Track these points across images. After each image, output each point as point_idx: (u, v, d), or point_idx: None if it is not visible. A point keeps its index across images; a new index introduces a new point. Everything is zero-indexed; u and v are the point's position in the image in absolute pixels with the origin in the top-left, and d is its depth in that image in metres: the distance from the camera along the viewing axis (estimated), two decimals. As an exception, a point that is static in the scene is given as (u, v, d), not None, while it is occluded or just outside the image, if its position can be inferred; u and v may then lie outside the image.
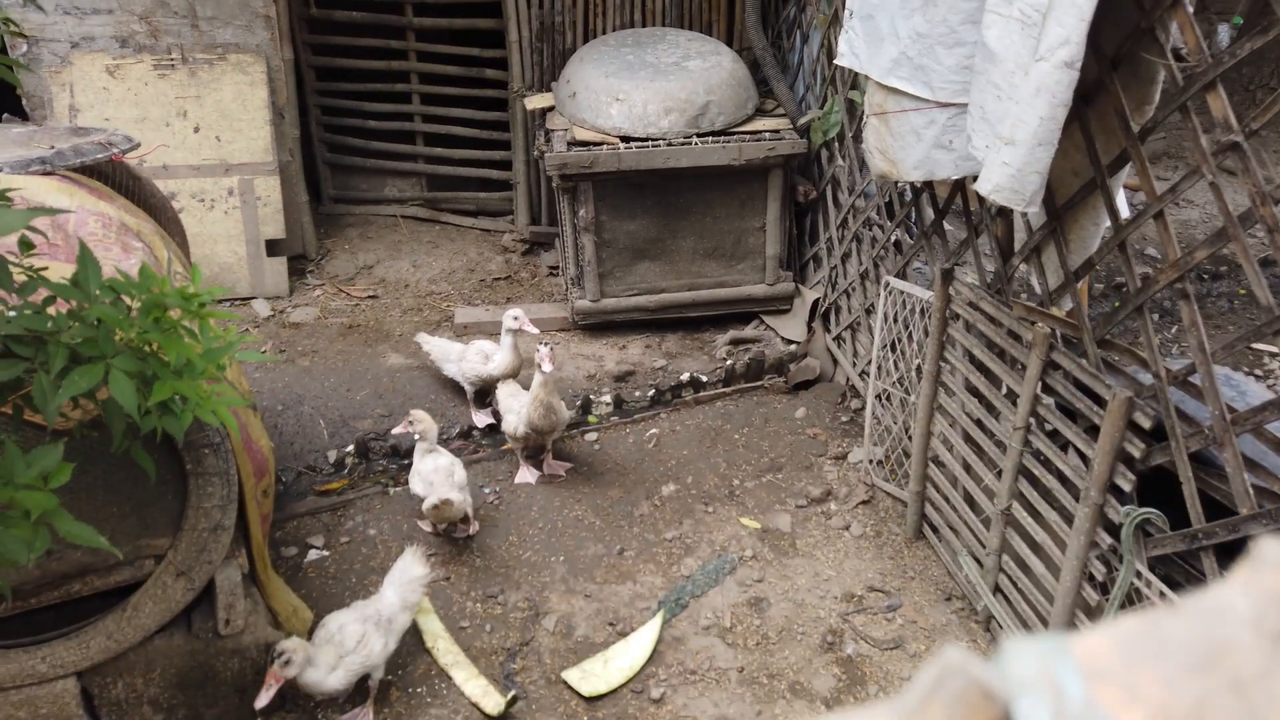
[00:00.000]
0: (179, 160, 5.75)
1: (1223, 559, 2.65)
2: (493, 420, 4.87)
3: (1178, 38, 2.67)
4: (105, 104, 5.64)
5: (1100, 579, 2.99)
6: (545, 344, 4.13)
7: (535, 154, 5.95)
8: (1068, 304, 3.21)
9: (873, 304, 4.82)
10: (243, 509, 3.04)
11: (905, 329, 4.21)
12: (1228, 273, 6.08)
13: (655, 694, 3.33)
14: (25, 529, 1.45)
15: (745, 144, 5.27)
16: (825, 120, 5.14)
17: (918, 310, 4.10)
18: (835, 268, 5.31)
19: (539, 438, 4.27)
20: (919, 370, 4.05)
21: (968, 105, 3.12)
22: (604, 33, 6.20)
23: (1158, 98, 2.91)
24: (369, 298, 6.04)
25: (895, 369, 4.35)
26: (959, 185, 3.82)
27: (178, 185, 5.76)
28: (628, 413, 5.07)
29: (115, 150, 3.61)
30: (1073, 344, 3.25)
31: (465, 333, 5.61)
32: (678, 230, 5.49)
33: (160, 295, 1.84)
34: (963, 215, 3.89)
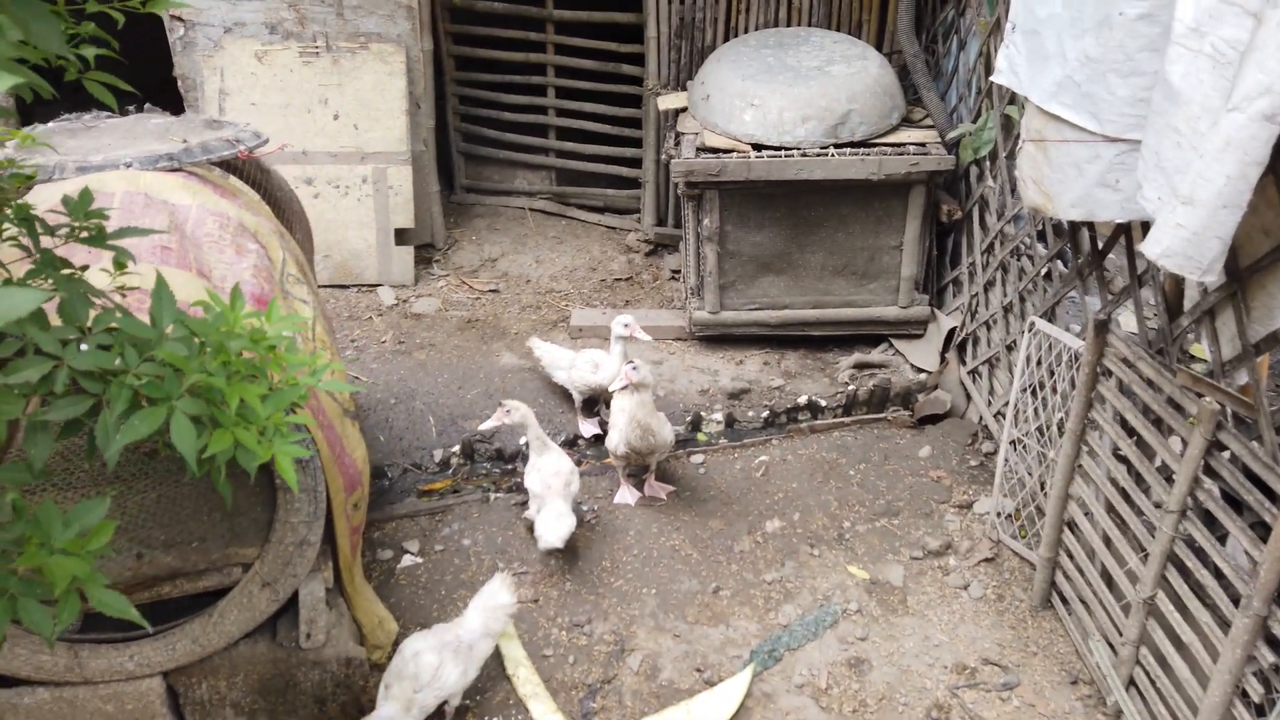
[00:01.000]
0: (318, 147, 5.86)
1: None
2: (599, 431, 4.75)
3: None
4: (252, 89, 5.79)
5: (1257, 700, 2.60)
6: (631, 363, 3.96)
7: (664, 157, 5.76)
8: (1243, 378, 2.80)
9: (1015, 340, 4.43)
10: (331, 523, 3.01)
11: (1050, 375, 3.82)
12: None
13: (738, 754, 3.14)
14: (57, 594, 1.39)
15: (886, 157, 4.93)
16: (977, 136, 4.74)
17: (1065, 358, 3.71)
18: (976, 295, 4.92)
19: (639, 458, 4.11)
20: (1061, 424, 3.68)
21: (1140, 143, 2.74)
22: (745, 31, 5.94)
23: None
24: (490, 291, 6.02)
25: (1035, 416, 3.96)
26: (1124, 225, 3.41)
27: (315, 171, 5.87)
28: (739, 434, 4.85)
29: (242, 148, 3.63)
30: (1246, 425, 2.83)
31: (580, 335, 5.51)
32: (806, 245, 5.21)
33: (228, 334, 1.75)
34: (1125, 257, 3.48)
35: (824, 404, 5.03)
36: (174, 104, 5.71)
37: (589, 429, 4.78)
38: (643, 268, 6.33)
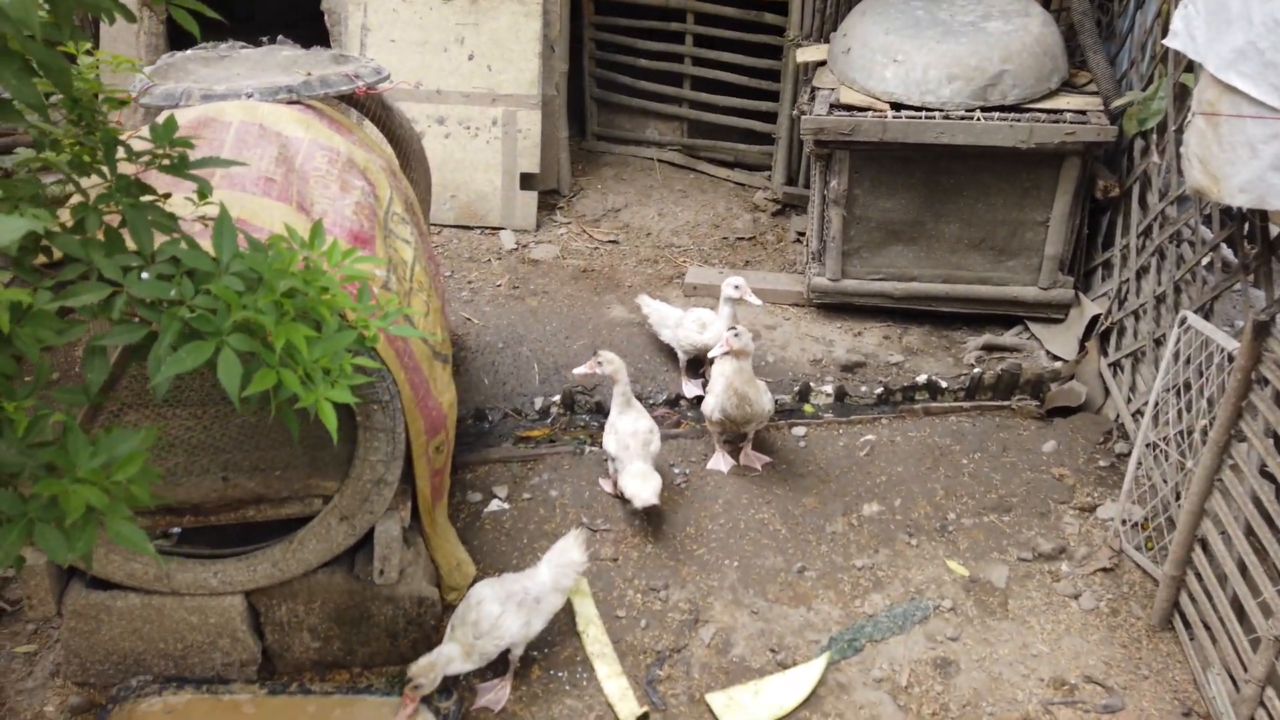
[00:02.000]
0: (451, 86, 5.88)
1: None
2: (701, 392, 4.62)
3: None
4: (393, 25, 5.85)
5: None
6: (733, 328, 3.79)
7: (795, 113, 5.50)
8: None
9: (1165, 334, 4.02)
10: (411, 464, 3.02)
11: (1199, 376, 3.44)
12: None
13: (803, 744, 3.01)
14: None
15: (1039, 124, 4.53)
16: (1145, 106, 4.28)
17: (1217, 359, 3.32)
18: (1127, 282, 4.50)
19: (735, 426, 3.97)
20: (1205, 431, 3.31)
21: (1329, 122, 2.37)
22: (898, -19, 5.55)
23: None
24: (609, 242, 5.95)
25: (1178, 420, 3.59)
26: (1302, 215, 3.00)
27: (447, 110, 5.91)
28: (848, 409, 4.63)
29: (361, 83, 3.65)
30: None
31: (694, 294, 5.37)
32: (941, 214, 4.87)
33: (280, 273, 1.72)
34: (1301, 252, 3.07)
35: (944, 385, 4.73)
36: (322, 38, 5.85)
37: (692, 390, 4.67)
38: (768, 228, 6.11)
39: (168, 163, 1.99)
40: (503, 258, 5.76)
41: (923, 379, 4.74)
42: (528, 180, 6.01)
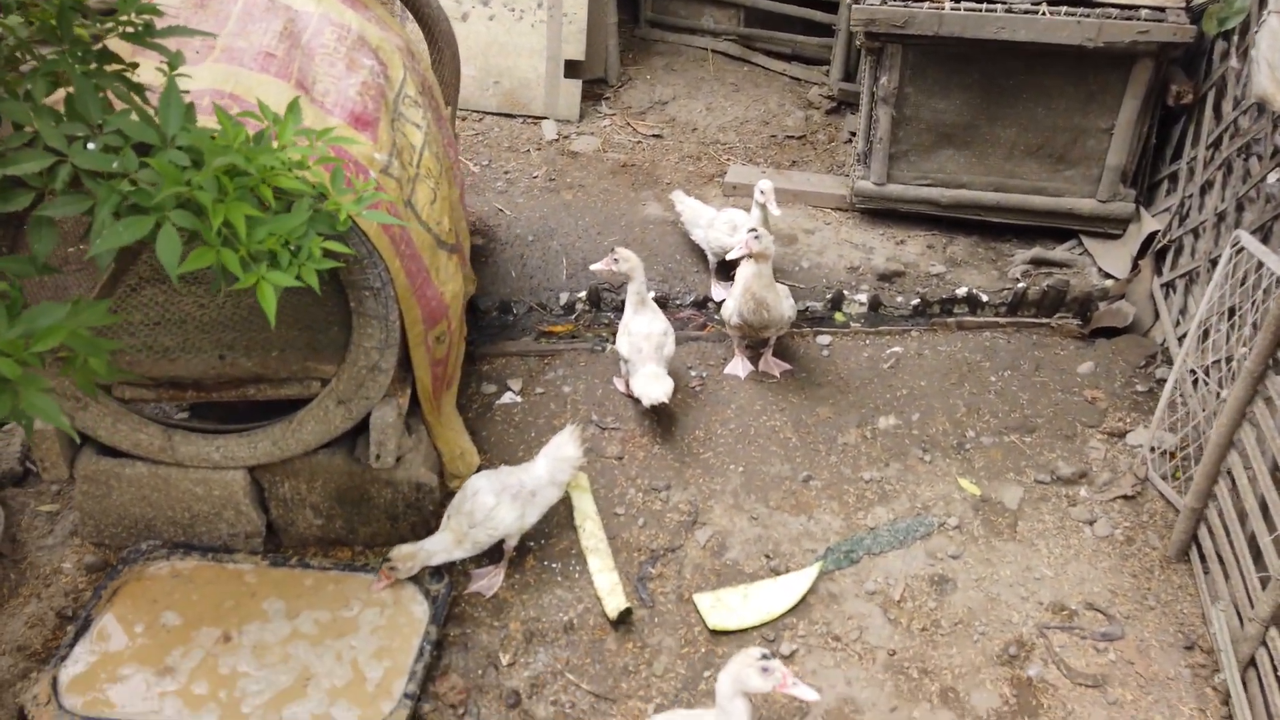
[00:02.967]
0: (496, -34, 5.69)
1: None
2: (730, 296, 4.53)
3: None
4: (438, -100, 5.63)
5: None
6: (753, 230, 3.66)
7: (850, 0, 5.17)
8: None
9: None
10: (409, 353, 3.03)
11: (1251, 302, 3.22)
12: None
13: (785, 649, 3.01)
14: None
15: (1109, 21, 4.18)
16: (1228, 4, 3.90)
17: (1265, 283, 3.10)
18: (1191, 197, 4.20)
19: (753, 331, 3.88)
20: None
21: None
22: None
23: None
24: (653, 136, 5.78)
25: (1223, 346, 3.39)
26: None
27: (492, -9, 5.73)
28: (882, 319, 4.49)
29: (379, -43, 3.52)
30: None
31: (734, 194, 5.21)
32: (998, 117, 4.59)
33: (220, 149, 1.68)
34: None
35: (985, 299, 4.54)
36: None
37: (720, 292, 4.57)
38: (819, 126, 5.85)
39: (130, 30, 1.95)
40: (542, 148, 5.65)
41: (963, 292, 4.56)
42: (573, 68, 5.83)
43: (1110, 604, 3.18)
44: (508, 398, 3.94)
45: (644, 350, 3.69)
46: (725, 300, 4.00)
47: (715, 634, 3.06)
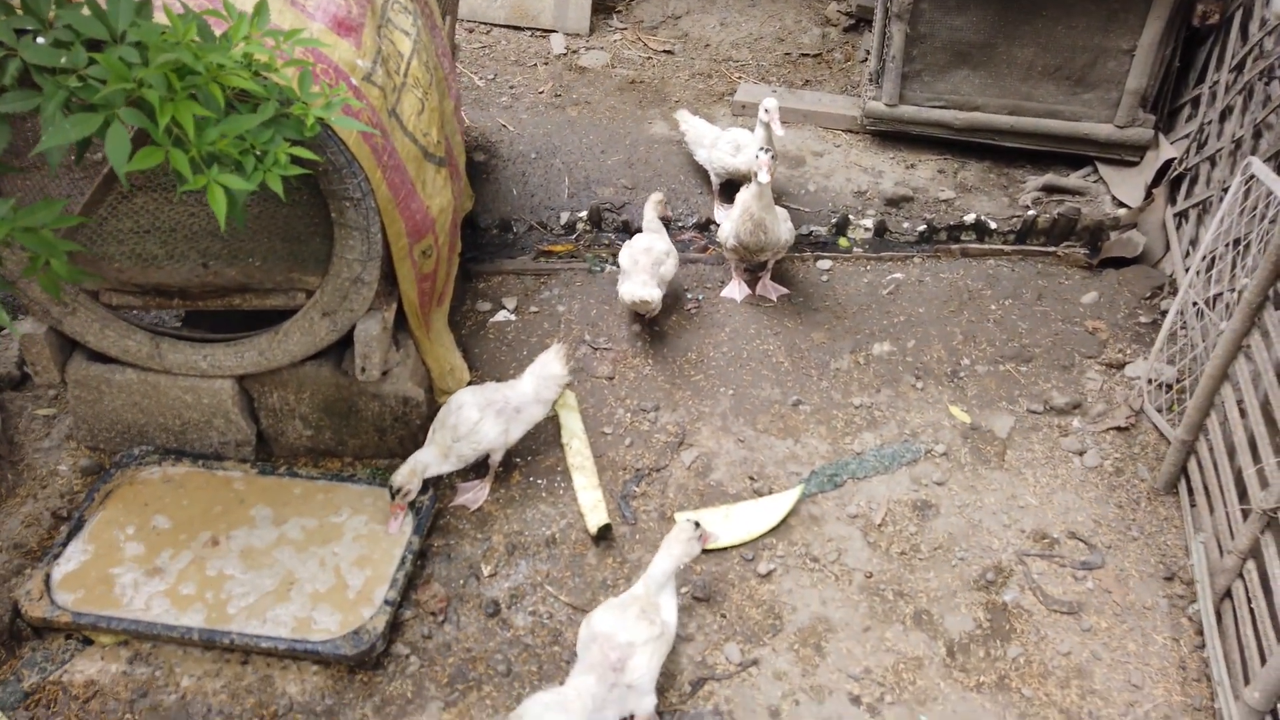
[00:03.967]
0: None
1: None
2: (733, 219, 4.47)
3: None
4: None
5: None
6: (767, 150, 3.57)
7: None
8: None
9: (1236, 184, 3.64)
10: (394, 267, 3.01)
11: (1258, 232, 3.13)
12: None
13: (763, 568, 3.04)
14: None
15: (1136, -66, 3.98)
16: (1261, -86, 3.70)
17: (1275, 213, 3.00)
18: (1210, 123, 4.05)
19: (749, 255, 3.83)
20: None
21: None
22: None
23: None
24: (664, 52, 5.64)
25: (1229, 278, 3.30)
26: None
27: (500, -101, 5.55)
28: (886, 245, 4.41)
29: None
30: None
31: (743, 113, 5.09)
32: (1015, 36, 4.42)
33: (169, 45, 1.65)
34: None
35: (993, 226, 4.45)
36: None
37: (723, 214, 4.50)
38: (836, 44, 5.68)
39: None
40: (549, 63, 5.53)
41: (971, 218, 4.46)
42: (582, -20, 5.68)
43: (1093, 533, 3.17)
44: (502, 316, 3.93)
45: (640, 263, 3.68)
46: (722, 224, 3.95)
47: (694, 552, 3.09)
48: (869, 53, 5.52)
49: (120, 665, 2.73)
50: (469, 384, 3.48)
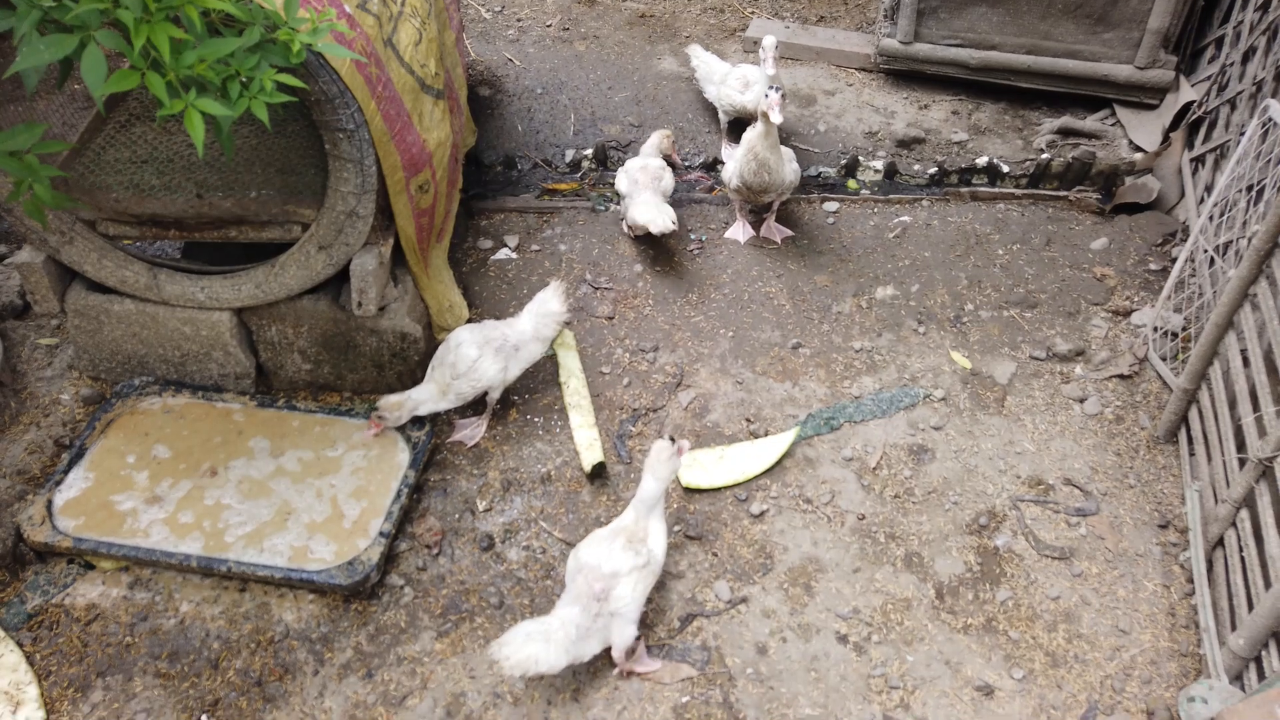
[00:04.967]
0: None
1: None
2: (740, 158, 4.40)
3: None
4: None
5: (1335, 604, 2.15)
6: (777, 88, 3.50)
7: None
8: None
9: (1255, 128, 3.54)
10: (389, 201, 2.99)
11: (1273, 177, 3.05)
12: None
13: (756, 509, 3.05)
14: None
15: None
16: None
17: (1289, 157, 2.92)
18: (1232, 64, 3.93)
19: (753, 195, 3.77)
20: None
21: None
22: None
23: None
24: (676, -14, 5.51)
25: (1241, 224, 3.24)
26: None
27: None
28: (896, 187, 4.35)
29: None
30: None
31: (754, 49, 4.98)
32: (1035, -28, 4.29)
33: (145, -31, 1.62)
34: None
35: (1006, 170, 4.36)
36: None
37: (730, 154, 4.44)
38: (855, -20, 5.52)
39: None
40: (559, -4, 5.42)
41: (983, 161, 4.38)
42: (593, -90, 5.52)
43: (1089, 480, 3.16)
44: (503, 253, 3.91)
45: (640, 181, 3.68)
46: (726, 163, 3.89)
47: (689, 491, 3.11)
48: (887, -11, 5.38)
49: (121, 590, 2.79)
50: (468, 321, 3.48)
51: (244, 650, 2.68)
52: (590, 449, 3.16)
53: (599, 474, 3.12)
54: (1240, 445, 2.81)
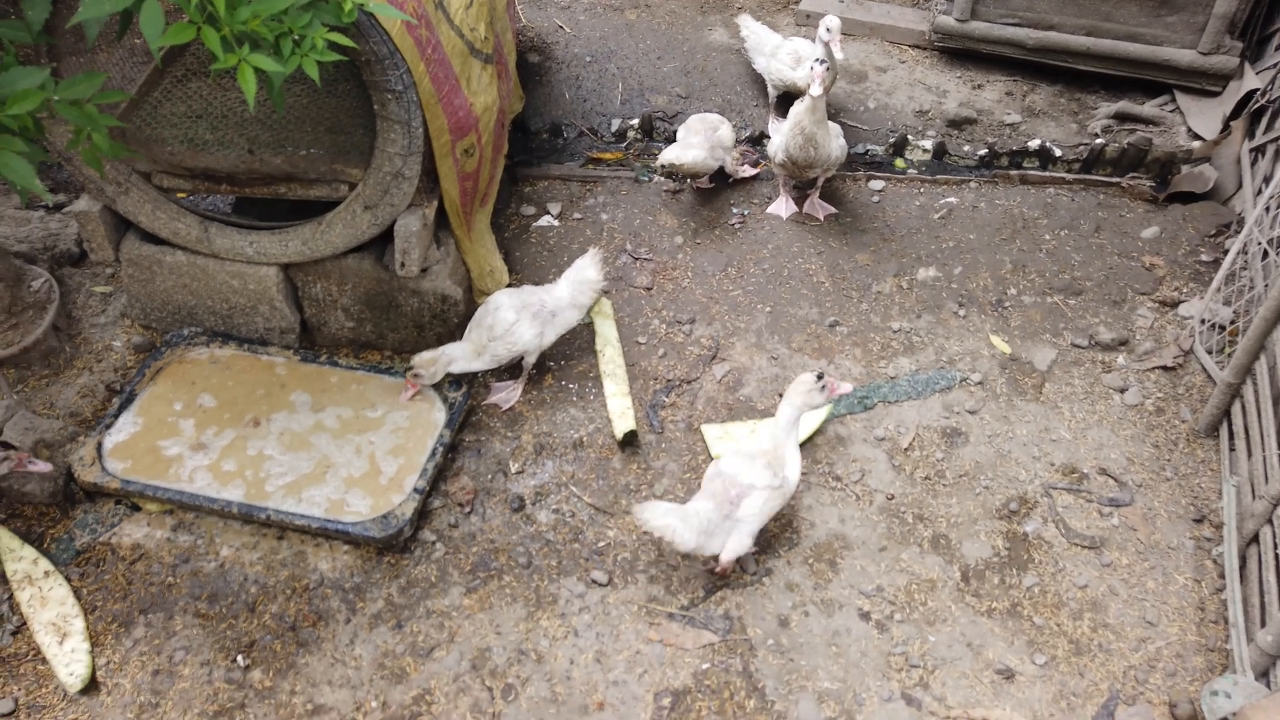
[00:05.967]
0: None
1: None
2: (786, 133, 4.37)
3: None
4: None
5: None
6: (822, 61, 3.46)
7: None
8: None
9: (1319, 119, 3.45)
10: (435, 163, 3.03)
11: (1336, 168, 2.97)
12: None
13: (785, 483, 3.07)
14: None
15: None
16: None
17: (1352, 149, 2.84)
18: (1301, 52, 3.82)
19: (798, 171, 3.75)
20: (1311, 233, 2.91)
21: None
22: None
23: None
24: (730, -43, 5.45)
25: (1299, 218, 3.16)
26: None
27: None
28: (944, 168, 4.30)
29: None
30: None
31: (807, 23, 4.93)
32: (1099, -49, 4.18)
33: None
34: None
35: (1058, 154, 4.29)
36: None
37: (777, 128, 4.41)
38: (910, -45, 5.42)
39: None
40: (614, -37, 5.39)
41: (1035, 144, 4.30)
42: (650, -123, 5.47)
43: (1125, 471, 3.13)
44: (545, 220, 3.94)
45: (694, 128, 3.76)
46: (772, 137, 3.87)
47: (718, 463, 3.13)
48: (945, -35, 5.28)
49: (165, 532, 2.89)
50: (508, 286, 3.52)
51: (280, 596, 2.76)
52: (623, 417, 3.20)
53: (630, 442, 3.16)
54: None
